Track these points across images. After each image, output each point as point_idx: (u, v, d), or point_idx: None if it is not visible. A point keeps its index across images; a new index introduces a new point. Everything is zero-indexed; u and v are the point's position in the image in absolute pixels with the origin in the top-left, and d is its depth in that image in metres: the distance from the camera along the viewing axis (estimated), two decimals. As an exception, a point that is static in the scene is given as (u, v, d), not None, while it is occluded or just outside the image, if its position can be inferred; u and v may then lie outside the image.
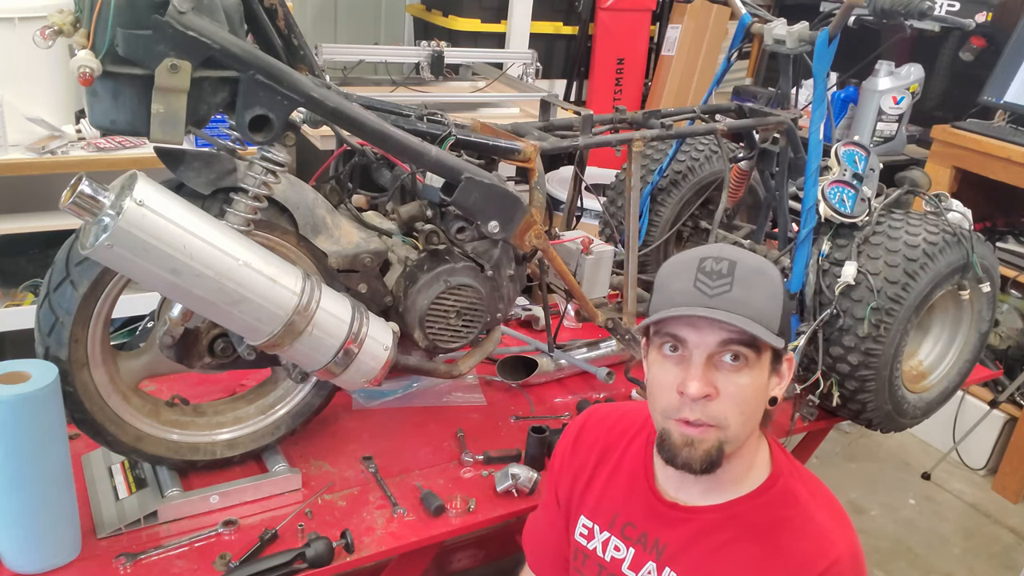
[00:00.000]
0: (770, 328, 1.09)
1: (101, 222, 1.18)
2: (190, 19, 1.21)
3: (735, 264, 1.11)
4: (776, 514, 1.16)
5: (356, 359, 1.45)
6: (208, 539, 1.46)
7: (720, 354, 1.09)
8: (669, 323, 1.11)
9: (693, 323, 1.09)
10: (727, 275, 1.10)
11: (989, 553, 3.04)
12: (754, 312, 1.08)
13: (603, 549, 1.27)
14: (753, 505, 1.17)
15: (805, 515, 1.15)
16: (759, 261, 1.15)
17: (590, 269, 1.98)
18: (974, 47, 3.67)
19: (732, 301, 1.08)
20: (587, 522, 1.30)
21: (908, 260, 1.86)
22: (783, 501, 1.16)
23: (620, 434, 1.34)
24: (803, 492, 1.18)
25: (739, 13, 2.11)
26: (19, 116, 2.46)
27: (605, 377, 2.04)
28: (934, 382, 2.19)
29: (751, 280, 1.10)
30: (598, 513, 1.29)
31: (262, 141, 1.36)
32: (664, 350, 1.13)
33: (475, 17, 3.90)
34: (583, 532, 1.30)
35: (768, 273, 1.14)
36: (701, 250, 1.15)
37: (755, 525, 1.15)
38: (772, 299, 1.12)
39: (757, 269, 1.12)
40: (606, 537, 1.27)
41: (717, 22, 4.45)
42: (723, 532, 1.16)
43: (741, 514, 1.17)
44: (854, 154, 1.97)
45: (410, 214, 1.64)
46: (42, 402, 1.27)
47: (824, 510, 1.17)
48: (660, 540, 1.21)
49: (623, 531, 1.25)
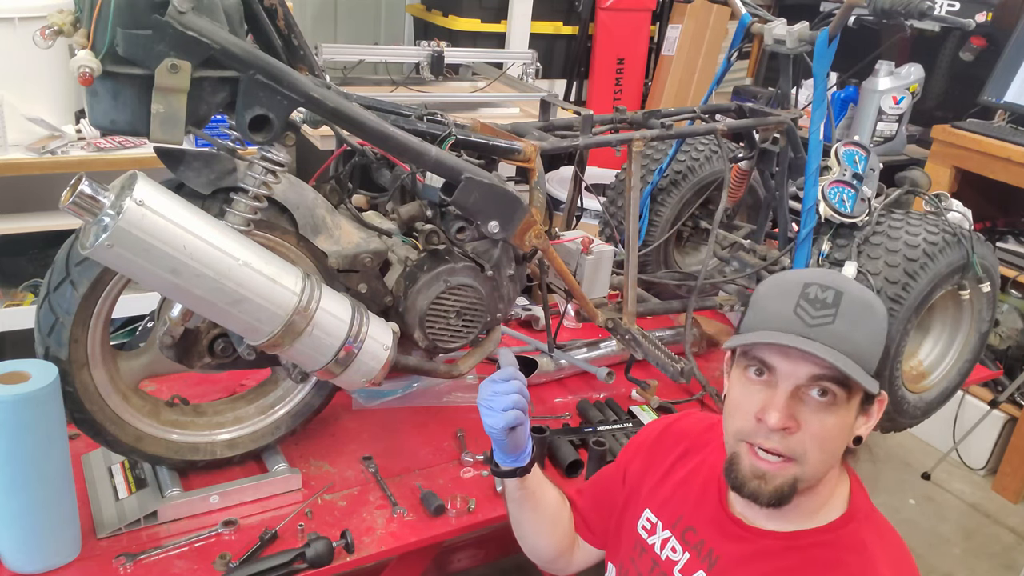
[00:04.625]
0: (867, 368, 1.04)
1: (101, 222, 1.18)
2: (190, 19, 1.21)
3: (841, 295, 1.04)
4: (838, 557, 1.09)
5: (356, 359, 1.45)
6: (208, 539, 1.46)
7: (808, 388, 1.04)
8: (760, 348, 1.06)
9: (785, 352, 1.04)
10: (831, 306, 1.04)
11: (989, 553, 3.04)
12: (853, 349, 1.02)
13: (661, 547, 1.25)
14: (817, 541, 1.11)
15: (867, 566, 1.08)
16: (867, 296, 1.08)
17: (590, 269, 1.98)
18: (974, 47, 3.67)
19: (832, 335, 1.02)
20: (651, 516, 1.29)
21: (908, 260, 1.86)
22: (850, 546, 1.09)
23: (706, 442, 1.31)
24: (873, 542, 1.10)
25: (739, 13, 2.11)
26: (19, 116, 2.47)
27: (605, 377, 2.04)
28: (934, 382, 2.19)
29: (856, 315, 1.04)
30: (664, 511, 1.28)
31: (262, 141, 1.36)
32: (750, 372, 1.08)
33: (475, 17, 3.90)
34: (646, 526, 1.29)
35: (875, 310, 1.07)
36: (807, 273, 1.10)
37: (811, 562, 1.10)
38: (874, 338, 1.06)
39: (865, 304, 1.06)
40: (667, 536, 1.25)
41: (717, 22, 4.45)
42: (779, 560, 1.12)
43: (802, 548, 1.11)
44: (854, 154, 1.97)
45: (410, 214, 1.64)
46: (42, 402, 1.27)
47: (889, 566, 1.08)
48: (715, 551, 1.18)
49: (683, 535, 1.23)
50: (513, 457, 1.31)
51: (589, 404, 2.00)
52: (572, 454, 1.75)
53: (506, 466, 1.33)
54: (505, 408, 1.23)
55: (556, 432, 1.83)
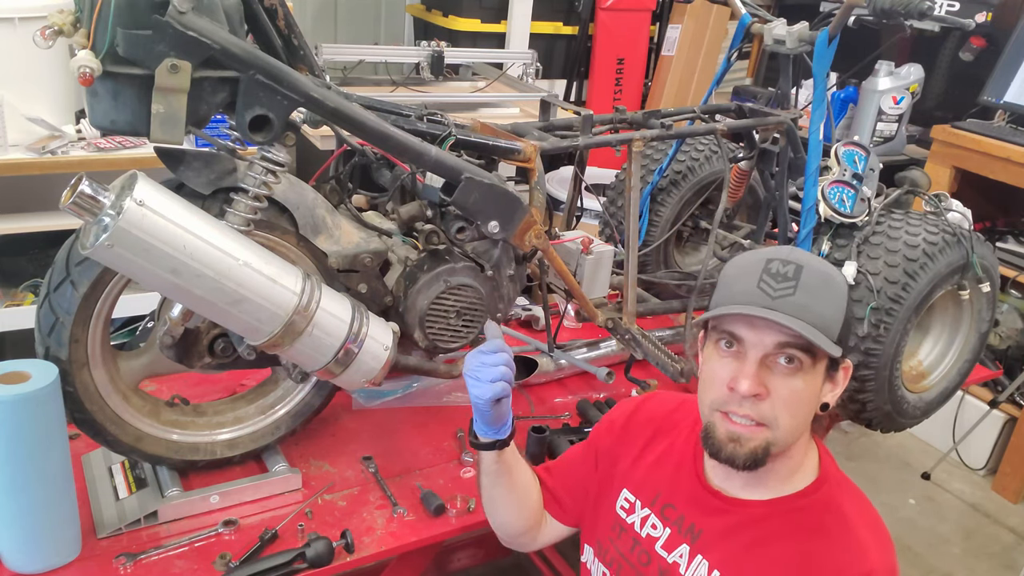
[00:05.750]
0: (829, 335, 1.09)
1: (101, 222, 1.18)
2: (190, 19, 1.21)
3: (801, 268, 1.11)
4: (816, 519, 1.15)
5: (356, 359, 1.45)
6: (208, 539, 1.46)
7: (775, 356, 1.10)
8: (728, 320, 1.13)
9: (752, 323, 1.10)
10: (792, 279, 1.10)
11: (989, 553, 3.04)
12: (815, 318, 1.08)
13: (641, 525, 1.28)
14: (795, 506, 1.16)
15: (845, 526, 1.14)
16: (826, 268, 1.15)
17: (590, 269, 1.98)
18: (974, 47, 3.67)
19: (794, 305, 1.08)
20: (629, 496, 1.32)
21: (908, 260, 1.86)
22: (826, 507, 1.16)
23: (676, 421, 1.36)
24: (847, 503, 1.17)
25: (739, 13, 2.11)
26: (19, 116, 2.47)
27: (605, 377, 2.04)
28: (934, 382, 2.19)
29: (816, 286, 1.10)
30: (642, 490, 1.31)
31: (262, 141, 1.36)
32: (720, 346, 1.15)
33: (475, 17, 3.90)
34: (624, 506, 1.32)
35: (834, 280, 1.14)
36: (769, 251, 1.16)
37: (793, 526, 1.15)
38: (834, 306, 1.12)
39: (824, 276, 1.13)
40: (646, 514, 1.28)
41: (717, 22, 4.45)
42: (760, 528, 1.16)
43: (781, 513, 1.16)
44: (854, 154, 1.97)
45: (410, 214, 1.64)
46: (42, 402, 1.27)
47: (866, 526, 1.15)
48: (696, 525, 1.22)
49: (663, 511, 1.27)
50: (495, 429, 1.32)
51: (589, 404, 1.99)
52: (572, 454, 1.75)
53: (486, 438, 1.33)
54: (492, 379, 1.25)
55: (556, 432, 1.83)
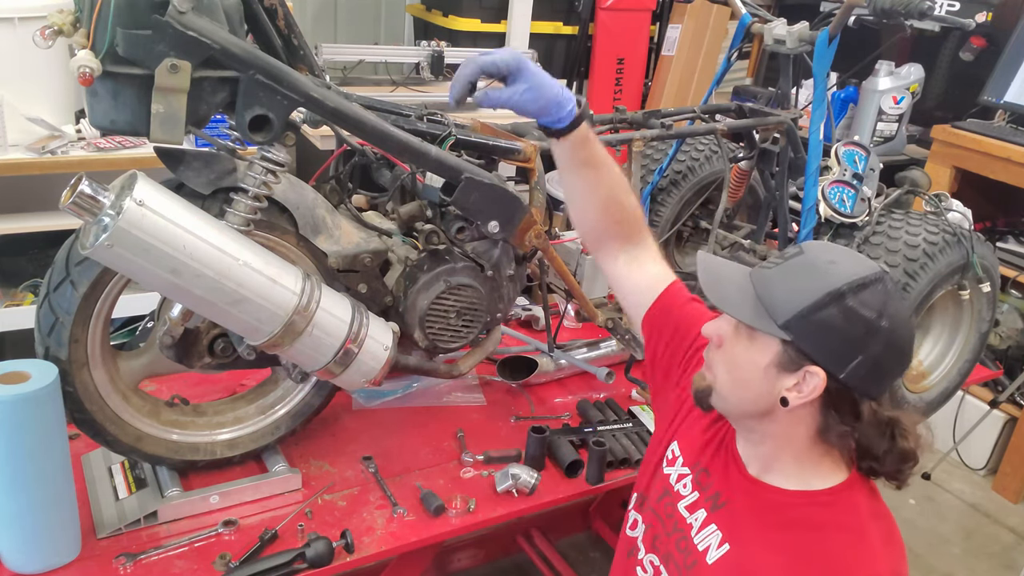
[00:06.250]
0: (774, 315, 1.09)
1: (101, 222, 1.18)
2: (190, 19, 1.21)
3: (800, 254, 1.15)
4: (834, 518, 1.15)
5: (356, 359, 1.45)
6: (208, 539, 1.46)
7: None
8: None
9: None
10: (787, 258, 1.15)
11: (989, 553, 3.04)
12: (767, 295, 1.12)
13: (677, 479, 1.31)
14: (818, 501, 1.16)
15: (860, 530, 1.14)
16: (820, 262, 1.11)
17: (590, 269, 1.98)
18: (974, 47, 3.67)
19: (763, 278, 1.14)
20: (676, 449, 1.35)
21: (908, 260, 1.86)
22: (846, 509, 1.16)
23: None
24: (867, 513, 1.16)
25: (739, 13, 2.11)
26: (19, 116, 2.46)
27: (605, 377, 2.04)
28: (934, 382, 2.19)
29: (795, 270, 1.13)
30: (689, 449, 1.33)
31: (262, 141, 1.36)
32: None
33: (475, 17, 3.90)
34: (669, 457, 1.35)
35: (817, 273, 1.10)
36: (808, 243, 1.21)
37: (808, 519, 1.15)
38: (796, 295, 1.08)
39: (811, 266, 1.11)
40: (685, 472, 1.31)
41: (717, 22, 4.45)
42: (778, 515, 1.17)
43: (802, 505, 1.16)
44: (854, 154, 1.97)
45: (410, 214, 1.64)
46: (42, 402, 1.27)
47: (882, 537, 1.15)
48: (722, 496, 1.23)
49: (698, 475, 1.29)
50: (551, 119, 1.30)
51: (589, 404, 1.99)
52: (572, 454, 1.75)
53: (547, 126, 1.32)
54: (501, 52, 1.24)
55: (556, 432, 1.83)
